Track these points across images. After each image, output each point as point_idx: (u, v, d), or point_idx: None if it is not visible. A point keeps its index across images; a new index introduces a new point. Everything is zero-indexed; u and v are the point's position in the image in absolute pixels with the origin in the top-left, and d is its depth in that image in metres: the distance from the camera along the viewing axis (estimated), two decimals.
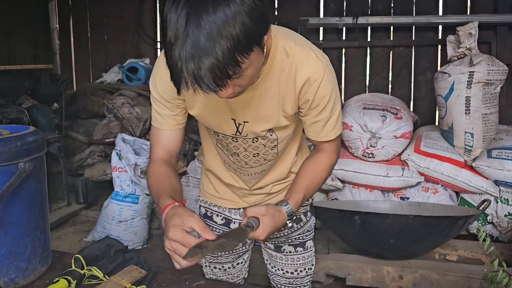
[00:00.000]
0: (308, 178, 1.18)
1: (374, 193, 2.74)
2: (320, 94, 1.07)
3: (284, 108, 1.10)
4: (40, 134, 1.29)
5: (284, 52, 1.04)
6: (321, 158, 1.20)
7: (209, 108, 1.12)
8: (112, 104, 3.65)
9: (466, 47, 2.63)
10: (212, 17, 0.76)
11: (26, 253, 1.22)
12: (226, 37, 0.76)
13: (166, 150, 1.18)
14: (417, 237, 2.00)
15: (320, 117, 1.11)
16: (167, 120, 1.15)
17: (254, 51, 0.83)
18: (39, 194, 1.27)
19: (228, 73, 0.80)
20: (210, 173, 1.36)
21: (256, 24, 0.80)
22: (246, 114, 1.11)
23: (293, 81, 1.06)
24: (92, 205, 3.67)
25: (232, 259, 1.42)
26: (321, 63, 1.05)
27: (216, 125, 1.16)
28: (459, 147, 2.65)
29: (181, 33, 0.77)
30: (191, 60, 0.77)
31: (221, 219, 1.39)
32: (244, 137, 1.16)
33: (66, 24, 4.75)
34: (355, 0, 3.95)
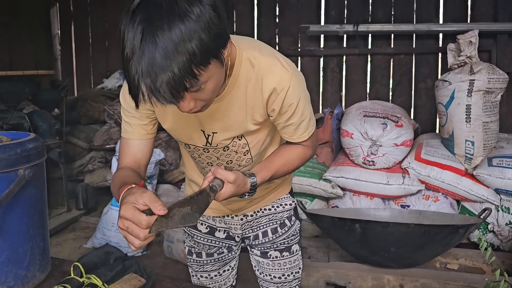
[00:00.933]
0: (282, 160, 1.19)
1: (374, 201, 2.73)
2: (288, 102, 1.08)
3: (253, 116, 1.11)
4: (40, 141, 1.28)
5: (249, 63, 1.05)
6: (297, 147, 1.22)
7: (179, 121, 1.14)
8: (112, 110, 3.66)
9: (467, 55, 2.64)
10: (167, 34, 0.77)
11: (25, 261, 1.22)
12: (182, 53, 0.78)
13: (134, 159, 1.16)
14: (417, 246, 1.99)
15: (291, 121, 1.13)
16: (136, 129, 1.16)
17: (212, 64, 0.84)
18: (39, 201, 1.27)
19: (185, 85, 0.82)
20: (192, 182, 1.37)
21: (213, 40, 0.82)
22: (214, 125, 1.12)
23: (260, 91, 1.07)
24: (92, 211, 3.66)
25: (218, 266, 1.42)
26: (286, 72, 1.06)
27: (187, 137, 1.17)
28: (459, 155, 2.65)
29: (137, 49, 0.79)
30: (148, 76, 0.79)
31: (205, 227, 1.39)
32: (214, 147, 1.18)
33: (68, 30, 4.77)
34: (356, 8, 3.97)
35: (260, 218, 1.38)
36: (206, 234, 1.39)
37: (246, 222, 1.38)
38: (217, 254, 1.41)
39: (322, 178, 2.77)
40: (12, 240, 1.19)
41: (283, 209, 1.39)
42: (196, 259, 1.42)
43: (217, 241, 1.40)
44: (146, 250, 2.99)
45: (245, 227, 1.39)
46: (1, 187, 1.13)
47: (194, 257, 1.42)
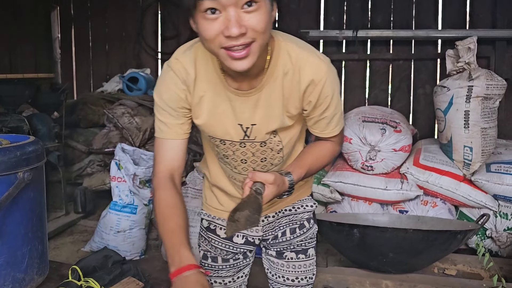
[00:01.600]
0: (313, 157, 1.21)
1: (373, 206, 2.73)
2: (324, 94, 1.10)
3: (288, 108, 1.12)
4: (39, 144, 1.29)
5: (287, 54, 1.07)
6: (326, 144, 1.24)
7: (215, 115, 1.13)
8: (112, 113, 3.66)
9: (465, 61, 2.65)
10: None
11: (24, 264, 1.22)
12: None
13: (170, 166, 1.15)
14: (416, 251, 2.00)
15: (325, 115, 1.15)
16: (172, 128, 1.14)
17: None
18: (38, 204, 1.27)
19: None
20: (216, 187, 1.35)
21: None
22: (253, 117, 1.12)
23: (297, 83, 1.08)
24: (90, 214, 3.65)
25: (233, 272, 1.41)
26: (324, 64, 1.09)
27: (223, 132, 1.16)
28: (458, 161, 2.65)
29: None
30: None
31: (224, 232, 1.38)
32: (252, 141, 1.17)
33: (68, 34, 4.79)
34: (355, 14, 3.99)
35: (281, 218, 1.38)
36: (224, 239, 1.38)
37: (267, 224, 1.37)
38: (233, 260, 1.40)
39: (320, 182, 2.77)
40: (11, 243, 1.19)
41: (303, 210, 1.39)
42: (212, 263, 1.40)
43: (235, 247, 1.38)
44: (145, 254, 2.98)
45: (266, 228, 1.38)
46: (0, 190, 1.13)
47: (209, 261, 1.40)
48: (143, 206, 2.98)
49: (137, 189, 2.95)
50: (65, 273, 1.38)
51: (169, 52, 4.48)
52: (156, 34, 4.53)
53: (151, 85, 4.18)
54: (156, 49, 4.54)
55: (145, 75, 4.13)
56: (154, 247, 3.11)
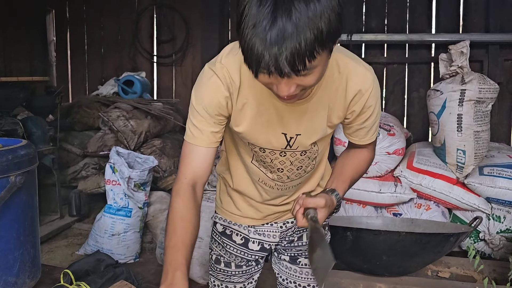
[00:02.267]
0: (353, 169, 1.21)
1: (367, 209, 2.75)
2: (369, 104, 1.10)
3: (330, 118, 1.12)
4: (32, 148, 1.29)
5: (335, 64, 1.06)
6: (361, 152, 1.24)
7: (258, 123, 1.10)
8: (107, 116, 3.66)
9: (458, 65, 2.67)
10: (302, 8, 0.79)
11: (15, 268, 1.22)
12: (312, 28, 0.79)
13: (195, 174, 1.11)
14: (409, 254, 2.00)
15: (366, 124, 1.15)
16: (206, 136, 1.09)
17: (327, 48, 0.85)
18: (30, 208, 1.27)
19: (305, 62, 0.82)
20: (235, 191, 1.31)
21: (338, 22, 0.83)
22: (299, 127, 1.11)
23: (344, 91, 1.08)
24: (85, 217, 3.64)
25: (245, 278, 1.39)
26: (370, 74, 1.09)
27: (265, 141, 1.13)
28: (451, 164, 2.67)
29: (266, 17, 0.79)
30: (275, 44, 0.79)
31: (240, 238, 1.35)
32: (293, 151, 1.15)
33: (63, 37, 4.79)
34: (350, 18, 4.01)
35: None
36: (240, 245, 1.35)
37: (285, 230, 1.35)
38: (246, 267, 1.37)
39: None
40: (2, 247, 1.19)
41: None
42: (225, 268, 1.37)
43: (249, 254, 1.35)
44: (139, 257, 2.98)
45: (283, 235, 1.36)
46: None
47: (222, 266, 1.37)
48: (138, 209, 2.98)
49: (132, 192, 2.94)
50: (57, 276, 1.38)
51: (164, 56, 4.49)
52: (152, 37, 4.54)
53: (147, 88, 4.18)
54: (152, 52, 4.54)
55: (140, 78, 4.13)
56: (148, 250, 3.11)
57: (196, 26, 4.32)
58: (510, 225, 2.55)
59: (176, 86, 4.54)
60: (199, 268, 2.64)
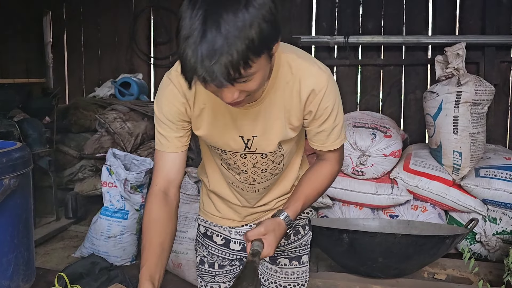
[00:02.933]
0: (309, 186, 1.19)
1: (363, 211, 2.75)
2: (324, 104, 1.09)
3: (290, 120, 1.12)
4: (26, 150, 1.29)
5: (287, 65, 1.07)
6: (323, 167, 1.22)
7: (215, 127, 1.13)
8: (104, 118, 3.65)
9: (454, 67, 2.68)
10: (231, 19, 0.80)
11: (9, 271, 1.21)
12: (243, 38, 0.80)
13: (167, 178, 1.16)
14: (405, 256, 2.01)
15: (324, 127, 1.14)
16: (171, 142, 1.14)
17: (264, 54, 0.87)
18: (24, 211, 1.26)
19: (240, 71, 0.83)
20: (213, 193, 1.35)
21: (271, 29, 0.84)
22: (254, 129, 1.12)
23: (298, 93, 1.08)
24: (81, 220, 3.63)
25: (230, 278, 1.41)
26: (324, 74, 1.08)
27: (224, 143, 1.16)
28: (447, 166, 2.68)
29: (196, 31, 0.80)
30: (207, 57, 0.80)
31: (221, 239, 1.38)
32: (253, 153, 1.17)
33: (60, 38, 4.77)
34: (347, 20, 4.02)
35: None
36: (221, 246, 1.38)
37: None
38: (230, 266, 1.39)
39: None
40: None
41: (299, 216, 1.37)
42: (208, 269, 1.40)
43: (232, 254, 1.38)
44: (136, 260, 2.97)
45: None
46: None
47: (206, 267, 1.40)
48: (134, 212, 2.97)
49: (128, 194, 2.94)
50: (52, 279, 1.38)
51: (161, 58, 4.49)
52: (149, 39, 4.53)
53: (143, 90, 4.18)
54: (149, 54, 4.54)
55: (137, 80, 4.13)
56: None
57: None
58: (506, 227, 2.56)
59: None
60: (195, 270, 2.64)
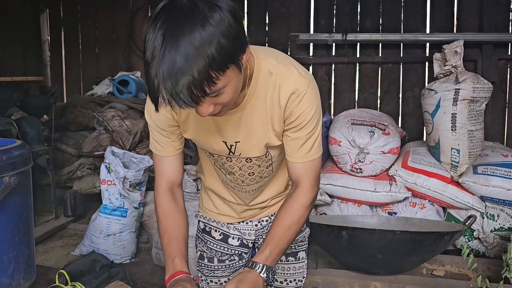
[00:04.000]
0: (281, 225, 1.14)
1: (362, 208, 2.75)
2: (301, 108, 1.07)
3: (273, 126, 1.12)
4: (26, 148, 1.29)
5: (267, 72, 1.07)
6: (295, 200, 1.15)
7: (200, 132, 1.15)
8: (102, 116, 3.65)
9: (452, 65, 2.68)
10: (188, 38, 0.80)
11: (10, 269, 1.21)
12: (202, 57, 0.81)
13: (168, 179, 1.21)
14: (404, 253, 2.02)
15: (299, 134, 1.11)
16: (165, 147, 1.18)
17: (230, 68, 0.87)
18: (24, 209, 1.26)
19: (204, 89, 0.84)
20: (210, 190, 1.38)
21: (232, 44, 0.85)
22: (236, 135, 1.13)
23: (278, 99, 1.08)
24: (80, 218, 3.63)
25: (229, 273, 1.43)
26: (303, 79, 1.08)
27: (209, 147, 1.20)
28: (445, 163, 2.69)
29: (157, 52, 0.81)
30: (168, 79, 0.81)
31: (219, 234, 1.40)
32: (237, 157, 1.19)
33: (58, 36, 4.76)
34: (345, 17, 4.03)
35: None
36: (219, 241, 1.40)
37: (260, 228, 1.39)
38: (229, 261, 1.41)
39: None
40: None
41: None
42: (208, 264, 1.43)
43: (230, 249, 1.40)
44: (135, 258, 2.97)
45: (259, 232, 1.40)
46: None
47: (206, 261, 1.43)
48: (133, 209, 2.97)
49: (127, 192, 2.94)
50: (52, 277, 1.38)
51: None
52: None
53: (142, 88, 4.17)
54: None
55: (135, 78, 4.12)
56: (144, 251, 3.10)
57: None
58: (503, 223, 2.57)
59: None
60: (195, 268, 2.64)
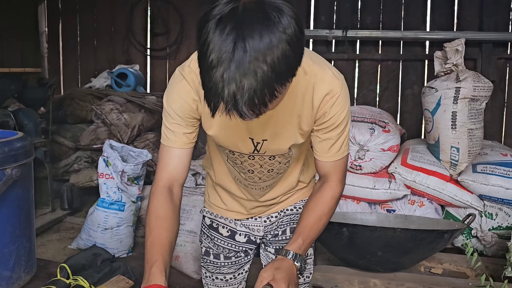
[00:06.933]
0: (311, 216, 1.18)
1: (361, 205, 2.76)
2: (334, 111, 1.08)
3: (300, 125, 1.12)
4: (28, 140, 1.27)
5: (302, 70, 1.05)
6: (325, 193, 1.20)
7: (226, 128, 1.13)
8: (100, 109, 3.62)
9: (453, 63, 2.68)
10: (257, 43, 0.78)
11: (11, 262, 1.20)
12: (269, 64, 0.78)
13: (171, 175, 1.15)
14: (404, 250, 2.01)
15: (330, 135, 1.12)
16: (179, 137, 1.13)
17: (290, 82, 0.85)
18: (26, 201, 1.25)
19: (265, 101, 0.81)
20: (219, 186, 1.36)
21: (295, 53, 0.82)
22: (264, 133, 1.12)
23: (311, 99, 1.07)
24: (77, 211, 3.61)
25: (234, 269, 1.43)
26: (338, 81, 1.08)
27: (233, 144, 1.16)
28: (445, 161, 2.69)
29: (226, 56, 0.78)
30: (233, 81, 0.78)
31: (226, 231, 1.39)
32: (261, 155, 1.17)
33: (55, 28, 4.71)
34: (345, 14, 4.02)
35: (282, 218, 1.39)
36: (226, 237, 1.39)
37: (269, 224, 1.39)
38: (235, 258, 1.41)
39: None
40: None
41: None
42: (214, 260, 1.42)
43: (237, 245, 1.40)
44: (132, 252, 2.96)
45: (268, 229, 1.40)
46: None
47: (211, 258, 1.42)
48: (131, 203, 2.96)
49: (125, 186, 2.92)
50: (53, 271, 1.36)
51: (158, 49, 4.45)
52: (146, 30, 4.49)
53: (140, 81, 4.15)
54: (146, 45, 4.50)
55: (134, 71, 4.09)
56: (141, 245, 3.09)
57: (191, 19, 4.28)
58: (502, 222, 2.58)
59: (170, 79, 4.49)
60: (193, 263, 2.64)
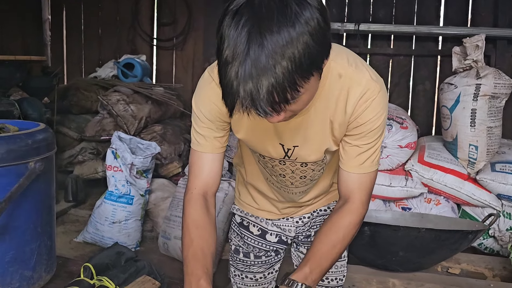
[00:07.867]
0: (324, 243, 1.05)
1: (375, 203, 2.70)
2: (368, 115, 0.98)
3: (333, 132, 1.04)
4: (50, 132, 1.20)
5: (336, 74, 0.98)
6: (343, 216, 1.06)
7: (255, 132, 1.07)
8: (107, 100, 3.54)
9: (473, 59, 2.62)
10: (275, 37, 0.71)
11: (32, 261, 1.13)
12: (288, 58, 0.72)
13: (205, 183, 1.09)
14: (427, 251, 1.97)
15: (359, 143, 1.02)
16: (210, 142, 1.07)
17: (314, 76, 0.79)
18: (47, 197, 1.18)
19: (287, 97, 0.75)
20: (251, 186, 1.31)
21: (319, 46, 0.76)
22: (295, 139, 1.06)
23: (344, 104, 0.99)
24: (81, 203, 3.53)
25: (265, 268, 1.39)
26: (375, 84, 0.98)
27: (263, 149, 1.11)
28: (462, 159, 2.64)
29: (241, 51, 0.72)
30: (250, 79, 0.72)
31: (257, 229, 1.36)
32: (292, 161, 1.12)
33: (59, 16, 4.61)
34: (357, 7, 3.94)
35: (315, 218, 1.34)
36: (257, 236, 1.35)
37: (302, 225, 1.34)
38: (265, 257, 1.37)
39: None
40: (19, 238, 1.10)
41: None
42: (243, 259, 1.38)
43: (268, 245, 1.35)
44: (140, 246, 2.90)
45: (300, 230, 1.35)
46: (9, 181, 1.04)
47: (241, 256, 1.38)
48: (140, 197, 2.89)
49: (134, 179, 2.85)
50: (72, 269, 1.30)
51: (165, 39, 4.36)
52: (152, 20, 4.39)
53: (147, 72, 4.06)
54: (152, 35, 4.40)
55: (141, 61, 4.00)
56: (149, 239, 3.03)
57: (199, 9, 4.19)
58: None
59: (176, 70, 4.41)
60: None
